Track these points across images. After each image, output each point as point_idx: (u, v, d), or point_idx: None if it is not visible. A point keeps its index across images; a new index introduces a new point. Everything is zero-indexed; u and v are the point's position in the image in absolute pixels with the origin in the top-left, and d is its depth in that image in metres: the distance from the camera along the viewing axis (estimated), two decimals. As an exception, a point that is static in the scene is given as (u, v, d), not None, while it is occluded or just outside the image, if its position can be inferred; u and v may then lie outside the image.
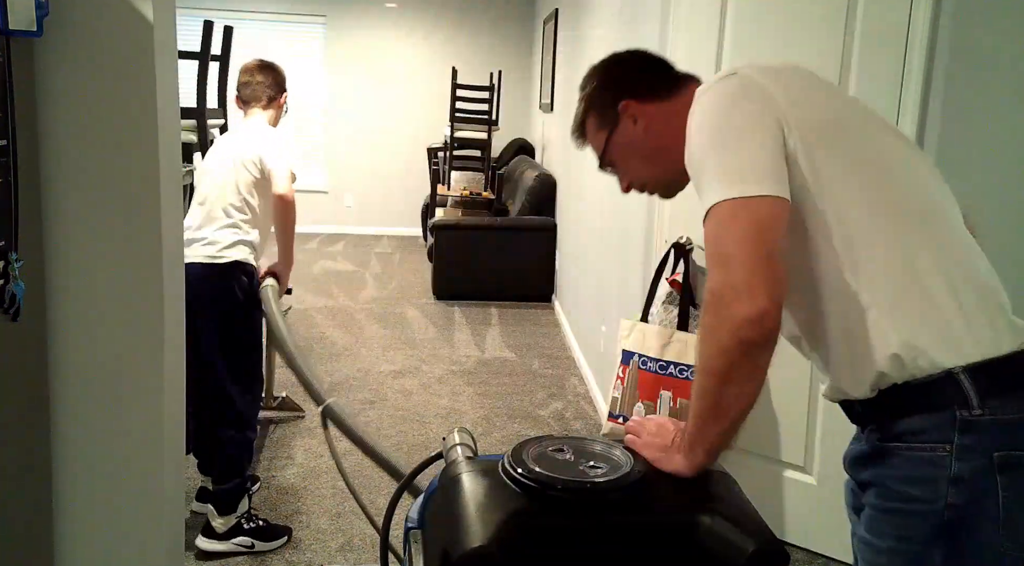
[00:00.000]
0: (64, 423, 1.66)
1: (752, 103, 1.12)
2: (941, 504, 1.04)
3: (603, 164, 1.39)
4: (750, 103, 1.12)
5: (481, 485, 1.09)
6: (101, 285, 1.62)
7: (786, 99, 1.12)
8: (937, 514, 1.05)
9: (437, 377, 4.26)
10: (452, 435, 1.28)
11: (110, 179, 1.59)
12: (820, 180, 1.10)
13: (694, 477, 1.16)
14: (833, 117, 1.16)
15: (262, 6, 8.29)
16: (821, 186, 1.10)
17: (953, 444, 1.04)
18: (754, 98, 1.12)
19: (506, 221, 6.02)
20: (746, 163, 1.07)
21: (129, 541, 1.71)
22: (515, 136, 8.15)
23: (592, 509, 1.05)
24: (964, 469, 1.04)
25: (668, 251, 2.63)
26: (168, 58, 1.64)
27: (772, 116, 1.10)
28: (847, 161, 1.12)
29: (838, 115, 1.17)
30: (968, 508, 1.04)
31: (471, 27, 8.47)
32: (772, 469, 2.62)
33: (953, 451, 1.04)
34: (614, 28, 3.95)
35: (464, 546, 0.97)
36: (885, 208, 1.11)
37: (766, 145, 1.08)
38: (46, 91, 1.55)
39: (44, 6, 1.47)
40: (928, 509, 1.05)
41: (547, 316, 5.62)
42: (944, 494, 1.04)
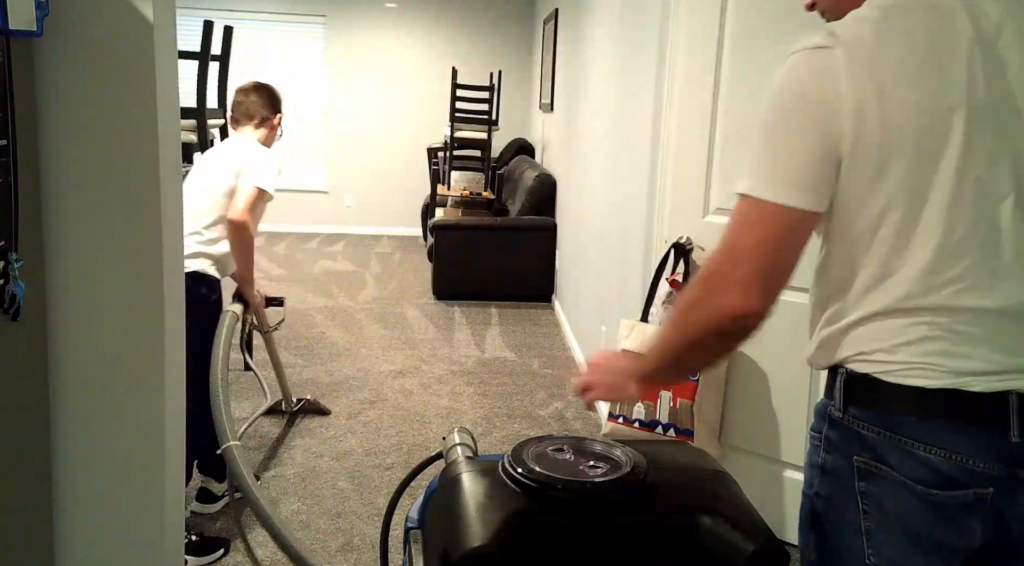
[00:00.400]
0: (64, 423, 1.66)
1: (813, 98, 1.02)
2: (813, 490, 1.12)
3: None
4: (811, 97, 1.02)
5: (481, 485, 1.09)
6: (101, 285, 1.62)
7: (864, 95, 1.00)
8: (809, 499, 1.13)
9: (437, 377, 4.26)
10: (452, 435, 1.28)
11: (110, 179, 1.59)
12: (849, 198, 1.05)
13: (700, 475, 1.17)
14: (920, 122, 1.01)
15: (262, 6, 8.29)
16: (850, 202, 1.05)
17: (822, 435, 1.11)
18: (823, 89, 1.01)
19: (506, 221, 6.02)
20: (792, 163, 1.03)
21: (129, 541, 1.71)
22: (515, 136, 8.15)
23: (592, 509, 1.05)
24: (828, 461, 1.10)
25: (668, 251, 2.63)
26: (168, 58, 1.64)
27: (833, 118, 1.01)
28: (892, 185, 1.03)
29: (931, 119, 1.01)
30: (832, 503, 1.09)
31: (471, 27, 8.47)
32: (772, 469, 2.62)
33: (823, 442, 1.11)
34: (614, 28, 3.95)
35: (464, 546, 0.97)
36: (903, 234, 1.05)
37: (815, 149, 1.02)
38: (46, 91, 1.55)
39: (44, 6, 1.47)
40: (807, 491, 1.13)
41: (547, 316, 5.62)
42: (815, 481, 1.12)
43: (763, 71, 2.48)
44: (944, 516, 1.02)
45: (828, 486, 1.10)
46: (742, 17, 2.51)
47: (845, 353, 1.09)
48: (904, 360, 1.03)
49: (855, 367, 1.07)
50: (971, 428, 1.02)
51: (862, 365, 1.06)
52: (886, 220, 1.03)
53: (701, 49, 2.61)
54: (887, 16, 1.04)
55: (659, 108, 2.84)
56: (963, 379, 1.02)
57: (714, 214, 2.63)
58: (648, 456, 1.19)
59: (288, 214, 8.32)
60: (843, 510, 1.07)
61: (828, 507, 1.10)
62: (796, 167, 1.02)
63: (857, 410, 1.06)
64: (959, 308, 1.02)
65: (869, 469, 1.05)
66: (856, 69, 1.00)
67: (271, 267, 6.62)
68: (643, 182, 3.08)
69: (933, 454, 1.01)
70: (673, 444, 1.35)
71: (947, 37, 1.02)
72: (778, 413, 2.59)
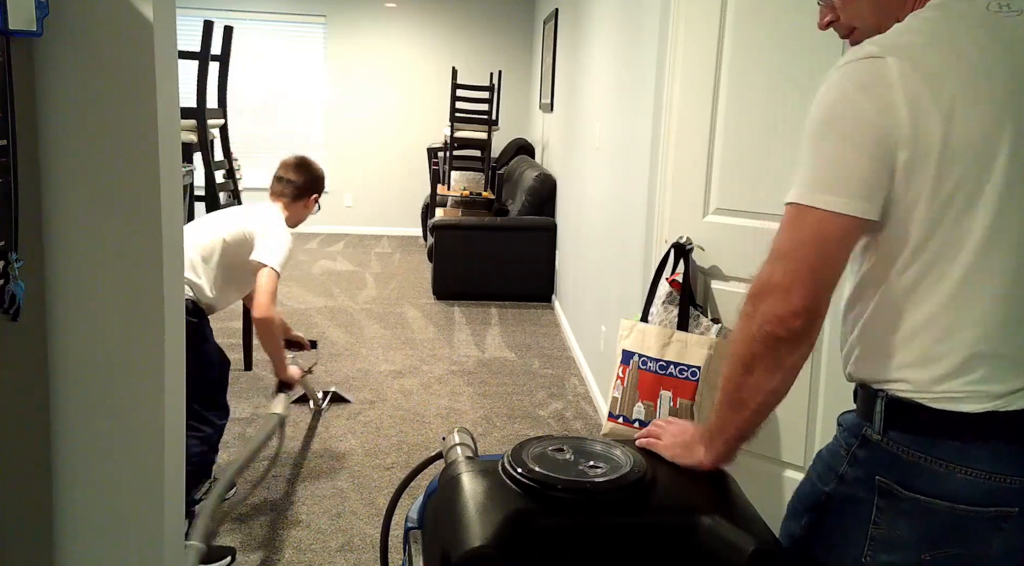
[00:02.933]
0: (64, 423, 1.66)
1: (868, 106, 1.01)
2: (824, 488, 1.14)
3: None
4: (866, 105, 1.01)
5: (481, 485, 1.09)
6: (101, 285, 1.62)
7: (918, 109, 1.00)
8: (819, 494, 1.15)
9: (437, 377, 4.26)
10: (452, 435, 1.28)
11: (110, 179, 1.59)
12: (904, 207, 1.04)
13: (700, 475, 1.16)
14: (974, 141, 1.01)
15: (262, 6, 8.29)
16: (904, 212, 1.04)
17: (852, 449, 1.11)
18: (875, 99, 1.01)
19: (506, 221, 6.02)
20: (839, 171, 1.02)
21: (129, 541, 1.71)
22: (515, 136, 8.15)
23: (592, 509, 1.05)
24: (850, 473, 1.11)
25: (668, 251, 2.63)
26: (168, 58, 1.64)
27: (886, 126, 1.01)
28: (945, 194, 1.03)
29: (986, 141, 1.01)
30: (843, 505, 1.12)
31: (471, 27, 8.47)
32: (772, 469, 2.62)
33: (849, 455, 1.12)
34: (614, 28, 3.95)
35: (464, 546, 0.97)
36: None
37: (865, 156, 1.01)
38: (46, 91, 1.55)
39: (44, 6, 1.47)
40: (817, 486, 1.16)
41: (547, 316, 5.62)
42: (830, 482, 1.13)
43: (763, 71, 2.48)
44: (960, 527, 1.05)
45: (843, 493, 1.12)
46: (742, 17, 2.51)
47: (888, 375, 1.09)
48: (950, 389, 1.05)
49: (897, 391, 1.07)
50: (1012, 447, 1.04)
51: (905, 390, 1.07)
52: (937, 233, 1.03)
53: (701, 49, 2.61)
54: (935, 26, 1.05)
55: (659, 108, 2.84)
56: (1003, 400, 1.04)
57: (714, 214, 2.63)
58: (648, 456, 1.20)
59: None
60: (853, 513, 1.10)
61: (839, 508, 1.12)
62: (844, 175, 1.02)
63: (898, 434, 1.07)
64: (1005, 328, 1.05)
65: (891, 491, 1.06)
66: (910, 77, 1.00)
67: (271, 267, 6.62)
68: (643, 182, 3.08)
69: (971, 476, 1.03)
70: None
71: (996, 47, 1.03)
72: (778, 413, 2.58)
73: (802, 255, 1.02)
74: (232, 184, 4.17)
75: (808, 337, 1.04)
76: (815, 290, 1.02)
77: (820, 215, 1.01)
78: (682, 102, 2.69)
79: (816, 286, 1.02)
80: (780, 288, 1.02)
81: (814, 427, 2.53)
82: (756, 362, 1.06)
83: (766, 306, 1.03)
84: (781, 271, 1.03)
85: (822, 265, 1.02)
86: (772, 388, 1.08)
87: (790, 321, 1.02)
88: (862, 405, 1.13)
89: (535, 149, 7.68)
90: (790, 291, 1.01)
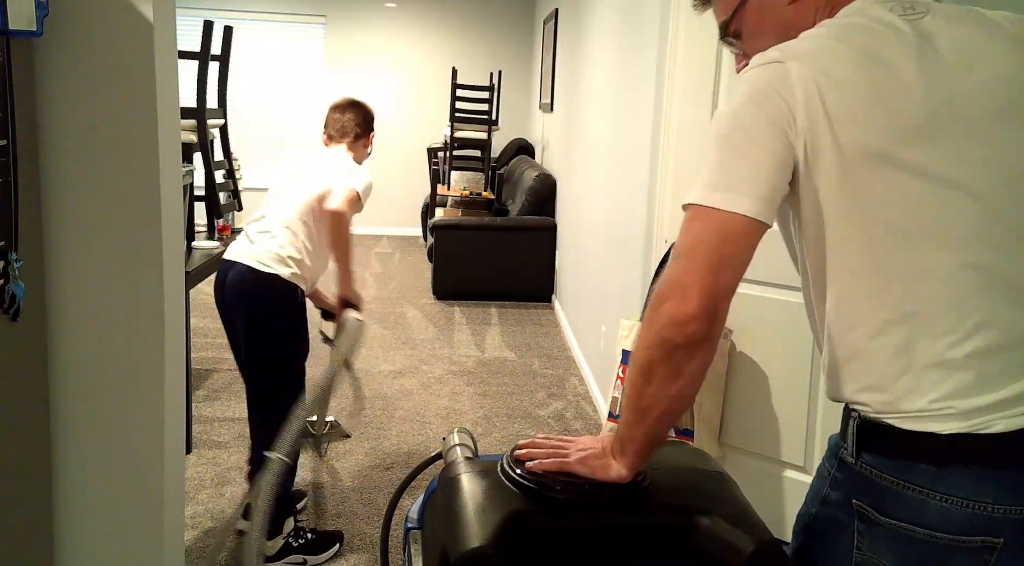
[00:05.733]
0: (64, 423, 1.66)
1: (769, 108, 1.01)
2: (812, 513, 1.11)
3: (725, 33, 1.22)
4: (768, 107, 1.01)
5: (480, 486, 1.09)
6: (101, 285, 1.62)
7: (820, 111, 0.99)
8: (808, 516, 1.12)
9: (437, 377, 4.26)
10: (452, 435, 1.28)
11: (110, 179, 1.59)
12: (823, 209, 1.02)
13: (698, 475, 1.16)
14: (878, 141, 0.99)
15: (262, 6, 8.29)
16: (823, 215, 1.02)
17: (832, 471, 1.09)
18: (773, 103, 1.01)
19: (506, 221, 6.02)
20: (738, 173, 1.01)
21: (129, 541, 1.71)
22: (515, 136, 8.15)
23: (591, 510, 1.05)
24: (832, 495, 1.08)
25: (668, 251, 2.63)
26: (168, 58, 1.64)
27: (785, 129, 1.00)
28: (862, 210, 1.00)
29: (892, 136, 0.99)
30: (828, 530, 1.08)
31: (471, 27, 8.47)
32: (772, 469, 2.62)
33: (830, 476, 1.09)
34: (614, 28, 3.95)
35: (462, 547, 0.97)
36: None
37: (765, 158, 1.01)
38: (46, 91, 1.55)
39: (44, 6, 1.47)
40: (808, 508, 1.13)
41: (547, 316, 5.62)
42: (816, 506, 1.11)
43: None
44: (943, 558, 0.99)
45: (826, 516, 1.09)
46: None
47: (854, 395, 1.04)
48: (915, 408, 0.99)
49: (867, 411, 1.03)
50: (998, 473, 0.97)
51: (873, 410, 1.02)
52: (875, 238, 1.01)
53: (701, 49, 2.61)
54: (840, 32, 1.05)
55: (659, 108, 2.84)
56: (980, 419, 0.97)
57: (714, 214, 2.63)
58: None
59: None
60: (837, 537, 1.07)
61: (824, 532, 1.10)
62: (745, 176, 1.00)
63: (871, 457, 1.03)
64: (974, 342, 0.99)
65: (867, 515, 1.03)
66: (808, 79, 1.00)
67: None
68: (643, 182, 3.08)
69: (948, 503, 0.97)
70: (672, 444, 1.34)
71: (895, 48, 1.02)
72: (778, 413, 2.59)
73: (702, 255, 0.99)
74: (232, 184, 4.17)
75: (707, 342, 0.99)
76: (714, 291, 0.98)
77: (720, 215, 0.99)
78: (682, 102, 2.69)
79: (715, 287, 0.98)
80: (679, 287, 0.98)
81: (814, 427, 2.53)
82: (655, 369, 1.02)
83: (663, 310, 0.99)
84: (680, 274, 0.99)
85: (721, 265, 0.99)
86: (673, 395, 1.02)
87: (688, 325, 0.97)
88: (842, 425, 1.09)
89: (535, 149, 7.68)
90: (687, 292, 0.97)
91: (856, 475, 1.04)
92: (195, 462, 3.14)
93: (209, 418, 3.57)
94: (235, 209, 4.24)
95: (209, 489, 2.95)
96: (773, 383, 2.58)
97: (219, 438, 3.37)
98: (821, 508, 1.10)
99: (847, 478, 1.06)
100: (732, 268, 1.00)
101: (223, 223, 3.96)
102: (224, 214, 3.97)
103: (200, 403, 3.73)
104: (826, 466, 1.11)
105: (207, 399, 3.79)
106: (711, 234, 1.00)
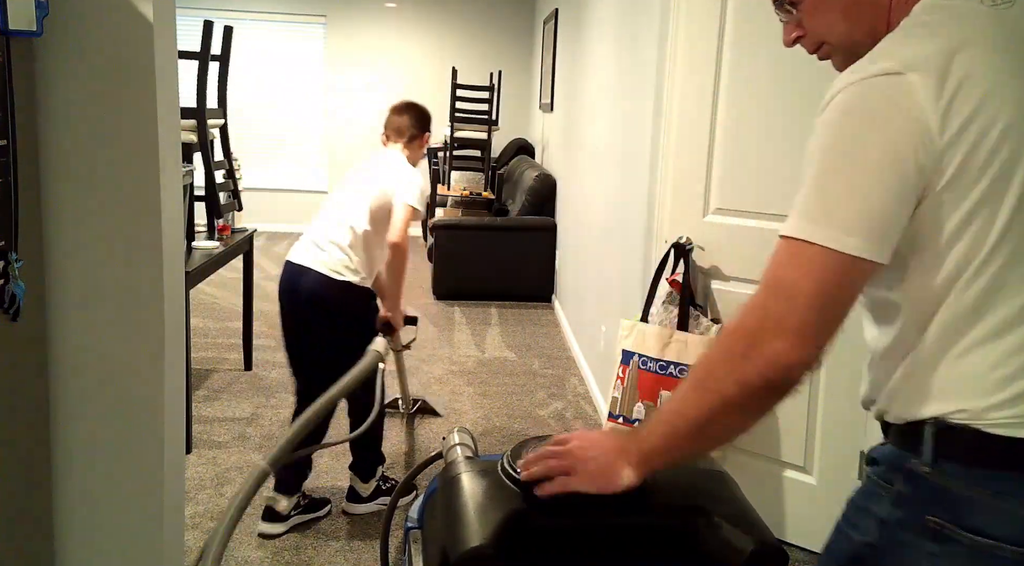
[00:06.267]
0: (64, 423, 1.66)
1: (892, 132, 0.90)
2: (861, 538, 1.00)
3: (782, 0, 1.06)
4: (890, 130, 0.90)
5: (480, 485, 1.09)
6: (101, 285, 1.62)
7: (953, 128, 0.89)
8: (855, 544, 1.01)
9: (437, 377, 4.26)
10: (452, 435, 1.28)
11: (110, 179, 1.59)
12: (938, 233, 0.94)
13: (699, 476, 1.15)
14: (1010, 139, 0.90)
15: (262, 6, 8.29)
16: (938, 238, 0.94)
17: (893, 487, 0.98)
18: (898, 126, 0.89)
19: (506, 221, 6.02)
20: (853, 206, 0.90)
21: (129, 541, 1.71)
22: (515, 136, 8.15)
23: (591, 510, 1.05)
24: (893, 515, 0.97)
25: (668, 251, 2.63)
26: (168, 58, 1.64)
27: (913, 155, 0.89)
28: None
29: None
30: (890, 556, 0.98)
31: (471, 27, 8.47)
32: (772, 469, 2.62)
33: (891, 494, 0.98)
34: (614, 28, 3.95)
35: (462, 546, 0.97)
36: None
37: (886, 190, 0.90)
38: (46, 91, 1.55)
39: (44, 6, 1.47)
40: (853, 535, 1.02)
41: (547, 316, 5.62)
42: (867, 529, 1.00)
43: (763, 71, 2.48)
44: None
45: (888, 541, 0.98)
46: (742, 17, 2.51)
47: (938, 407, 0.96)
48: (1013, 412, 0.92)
49: (957, 418, 0.94)
50: None
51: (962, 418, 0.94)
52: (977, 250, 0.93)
53: (701, 49, 2.61)
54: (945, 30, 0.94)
55: (659, 108, 2.84)
56: None
57: (714, 214, 2.63)
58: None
59: (288, 214, 8.33)
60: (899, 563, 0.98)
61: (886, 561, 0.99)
62: (859, 205, 0.90)
63: (954, 465, 0.94)
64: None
65: (944, 532, 0.93)
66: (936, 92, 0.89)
67: (271, 267, 6.61)
68: (643, 182, 3.08)
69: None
70: (673, 444, 1.34)
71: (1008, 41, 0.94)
72: (778, 413, 2.59)
73: (824, 297, 0.91)
74: (232, 184, 4.17)
75: (796, 388, 0.94)
76: (825, 338, 0.91)
77: (839, 258, 0.90)
78: (682, 102, 2.69)
79: (827, 334, 0.91)
80: (794, 331, 0.90)
81: (814, 427, 2.53)
82: (745, 406, 0.95)
83: (772, 348, 0.91)
84: (798, 312, 0.91)
85: (829, 307, 0.91)
86: (740, 430, 0.98)
87: (795, 370, 0.91)
88: (899, 435, 1.00)
89: (535, 149, 7.68)
90: (806, 338, 0.90)
91: (931, 487, 0.95)
92: (195, 462, 3.14)
93: (209, 418, 3.57)
94: (235, 209, 4.24)
95: (209, 489, 2.95)
96: (773, 383, 2.58)
97: (219, 438, 3.37)
98: (880, 534, 0.98)
99: (918, 492, 0.96)
100: (841, 309, 0.92)
101: (223, 223, 3.96)
102: (224, 214, 3.97)
103: (200, 403, 3.73)
104: (880, 483, 1.00)
105: (207, 399, 3.79)
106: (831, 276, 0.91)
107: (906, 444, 0.98)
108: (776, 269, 0.94)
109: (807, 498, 2.55)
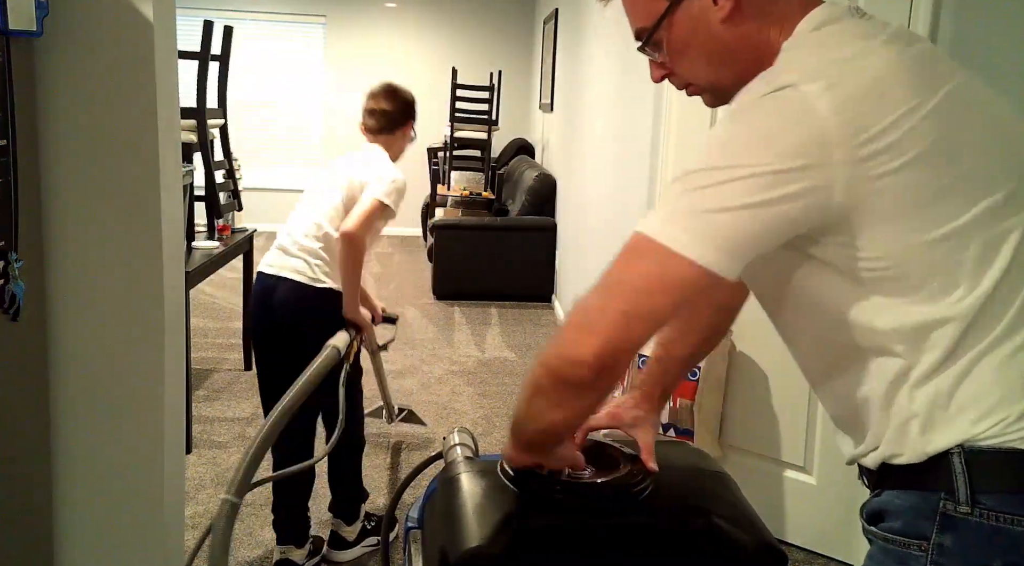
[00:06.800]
0: (64, 423, 1.66)
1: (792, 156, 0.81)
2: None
3: (646, 42, 0.99)
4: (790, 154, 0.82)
5: (479, 485, 1.09)
6: (101, 285, 1.62)
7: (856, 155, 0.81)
8: None
9: (437, 377, 4.26)
10: (452, 435, 1.28)
11: (110, 179, 1.59)
12: None
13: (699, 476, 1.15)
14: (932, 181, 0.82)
15: (262, 6, 8.29)
16: None
17: (931, 543, 0.81)
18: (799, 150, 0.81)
19: (506, 221, 6.02)
20: (722, 225, 0.83)
21: (129, 541, 1.71)
22: (515, 136, 8.15)
23: (591, 510, 1.05)
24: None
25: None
26: (168, 58, 1.64)
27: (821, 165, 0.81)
28: None
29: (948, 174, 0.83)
30: None
31: (471, 27, 8.47)
32: (772, 469, 2.62)
33: (930, 553, 0.81)
34: (614, 28, 3.95)
35: (461, 547, 0.97)
36: None
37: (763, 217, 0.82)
38: (46, 91, 1.55)
39: (44, 6, 1.47)
40: None
41: (547, 316, 5.62)
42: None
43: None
44: None
45: None
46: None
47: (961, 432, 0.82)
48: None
49: (985, 440, 0.81)
50: None
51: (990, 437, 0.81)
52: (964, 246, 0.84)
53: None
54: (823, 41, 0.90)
55: (659, 108, 2.84)
56: None
57: (714, 214, 2.63)
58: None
59: (288, 214, 8.32)
60: None
61: None
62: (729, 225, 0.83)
63: (994, 498, 0.79)
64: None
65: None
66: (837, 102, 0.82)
67: (271, 267, 6.63)
68: (643, 182, 3.08)
69: None
70: (672, 444, 1.34)
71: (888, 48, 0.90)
72: (778, 413, 2.59)
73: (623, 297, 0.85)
74: (232, 184, 4.17)
75: (593, 391, 0.89)
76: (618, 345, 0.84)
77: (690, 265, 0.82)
78: (682, 102, 2.68)
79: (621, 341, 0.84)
80: (584, 327, 0.86)
81: (814, 427, 2.53)
82: (541, 389, 0.92)
83: (566, 336, 0.87)
84: (596, 302, 0.86)
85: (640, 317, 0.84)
86: (549, 421, 0.94)
87: (576, 368, 0.86)
88: (919, 475, 0.84)
89: (535, 149, 7.68)
90: (591, 333, 0.84)
91: (977, 529, 0.79)
92: (195, 462, 3.14)
93: (209, 418, 3.57)
94: (235, 209, 4.24)
95: (209, 489, 2.95)
96: (773, 383, 2.58)
97: (219, 438, 3.37)
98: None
99: (962, 541, 0.80)
100: (653, 322, 0.85)
101: (223, 223, 3.96)
102: (224, 214, 3.98)
103: (200, 403, 3.73)
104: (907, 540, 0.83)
105: (207, 399, 3.79)
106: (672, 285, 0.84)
107: (931, 483, 0.83)
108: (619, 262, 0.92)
109: (807, 498, 2.55)
